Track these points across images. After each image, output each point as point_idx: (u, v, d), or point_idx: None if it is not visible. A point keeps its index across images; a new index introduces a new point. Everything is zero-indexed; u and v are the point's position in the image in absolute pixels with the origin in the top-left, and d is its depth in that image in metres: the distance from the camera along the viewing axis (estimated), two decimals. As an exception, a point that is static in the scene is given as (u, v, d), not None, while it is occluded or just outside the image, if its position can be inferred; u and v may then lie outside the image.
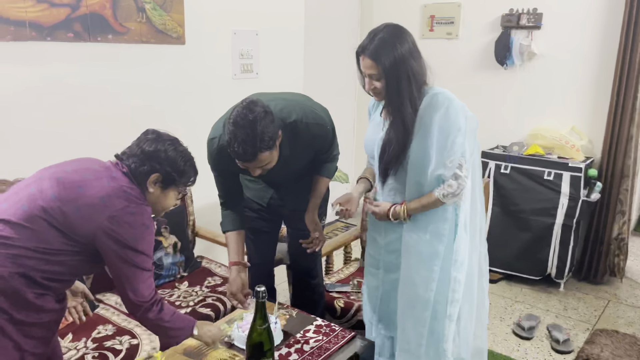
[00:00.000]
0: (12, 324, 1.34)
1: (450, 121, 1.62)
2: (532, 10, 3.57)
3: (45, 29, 2.24)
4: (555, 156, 3.41)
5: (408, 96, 1.63)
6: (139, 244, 1.43)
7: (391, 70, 1.60)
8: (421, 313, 1.77)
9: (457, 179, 1.65)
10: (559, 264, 3.38)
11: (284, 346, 1.81)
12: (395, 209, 1.76)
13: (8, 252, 1.33)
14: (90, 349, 1.91)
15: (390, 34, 1.62)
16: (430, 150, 1.65)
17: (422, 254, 1.74)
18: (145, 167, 1.48)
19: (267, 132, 1.66)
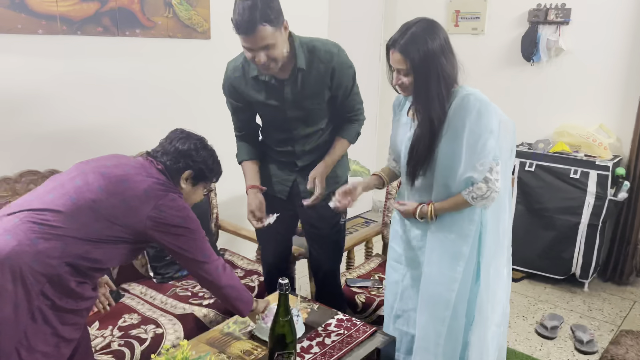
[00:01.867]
0: (53, 310, 1.40)
1: (482, 124, 1.58)
2: (560, 5, 3.50)
3: (75, 23, 2.28)
4: (582, 154, 3.35)
5: (436, 94, 1.59)
6: (189, 223, 1.56)
7: (420, 66, 1.57)
8: (442, 312, 1.76)
9: (487, 182, 1.62)
10: (583, 264, 3.32)
11: (305, 339, 1.82)
12: (422, 208, 1.74)
13: (57, 242, 1.39)
14: (117, 337, 1.95)
15: (422, 28, 1.57)
16: (459, 152, 1.61)
17: (447, 254, 1.73)
18: (180, 165, 1.60)
19: (270, 5, 1.70)
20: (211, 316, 2.15)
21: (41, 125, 2.28)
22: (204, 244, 1.62)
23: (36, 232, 1.38)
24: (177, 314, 2.13)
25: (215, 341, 1.80)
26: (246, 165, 2.13)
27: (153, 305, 2.22)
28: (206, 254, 1.62)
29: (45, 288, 1.38)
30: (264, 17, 1.69)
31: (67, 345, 1.46)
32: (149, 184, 1.50)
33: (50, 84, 2.28)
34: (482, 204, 1.66)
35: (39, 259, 1.36)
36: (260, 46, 1.74)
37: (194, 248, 1.59)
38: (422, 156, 1.67)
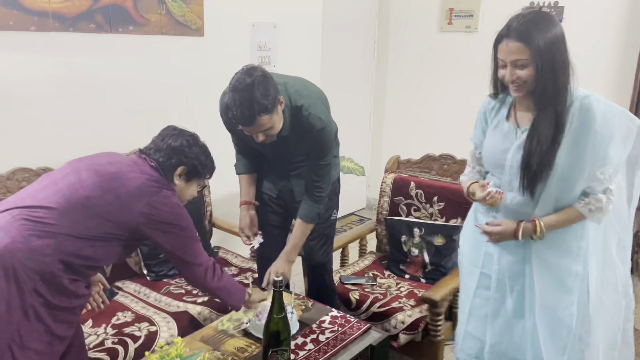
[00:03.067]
0: (46, 308, 1.40)
1: (607, 128, 1.42)
2: (553, 3, 3.52)
3: (68, 20, 2.27)
4: (575, 152, 3.36)
5: (564, 86, 1.41)
6: (181, 220, 1.57)
7: (545, 52, 1.38)
8: (564, 339, 1.57)
9: (606, 193, 1.46)
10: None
11: (300, 336, 1.83)
12: (526, 226, 1.52)
13: (50, 239, 1.39)
14: (110, 335, 1.95)
15: (540, 15, 1.41)
16: (582, 160, 1.43)
17: (560, 276, 1.55)
18: (173, 161, 1.60)
19: (266, 96, 1.69)
20: (205, 314, 2.15)
21: (33, 123, 2.26)
22: (194, 244, 1.63)
23: (29, 230, 1.37)
24: (171, 311, 2.13)
25: (210, 338, 1.80)
26: (242, 178, 2.19)
27: (147, 303, 2.21)
28: (195, 255, 1.62)
29: (39, 285, 1.38)
30: (262, 110, 1.69)
31: (60, 343, 1.46)
32: (142, 181, 1.50)
33: (43, 81, 2.27)
34: (597, 218, 1.49)
35: (32, 257, 1.36)
36: (258, 131, 1.77)
37: (184, 247, 1.60)
38: (542, 164, 1.45)
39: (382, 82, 4.52)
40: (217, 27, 2.88)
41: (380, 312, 2.22)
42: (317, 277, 2.34)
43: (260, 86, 1.68)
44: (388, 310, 2.21)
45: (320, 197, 2.03)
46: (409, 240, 2.53)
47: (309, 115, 1.89)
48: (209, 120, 2.28)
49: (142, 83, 2.60)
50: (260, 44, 3.17)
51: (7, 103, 2.17)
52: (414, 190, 2.63)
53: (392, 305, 2.23)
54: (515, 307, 1.65)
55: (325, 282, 2.34)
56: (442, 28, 4.09)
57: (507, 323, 1.67)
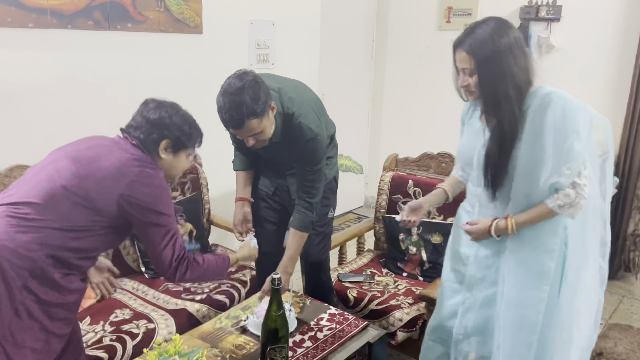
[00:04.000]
0: (38, 305, 1.37)
1: (568, 123, 1.45)
2: (551, 2, 3.52)
3: (66, 17, 2.26)
4: (572, 150, 3.37)
5: (504, 95, 1.46)
6: (159, 205, 1.48)
7: (485, 64, 1.46)
8: (528, 337, 1.58)
9: (575, 188, 1.47)
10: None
11: (297, 333, 1.83)
12: (499, 223, 1.57)
13: (35, 234, 1.36)
14: (108, 332, 1.95)
15: (490, 27, 1.47)
16: (543, 155, 1.47)
17: (530, 273, 1.56)
18: (154, 136, 1.53)
19: (256, 100, 1.69)
20: (203, 311, 2.15)
21: (31, 119, 2.26)
22: (170, 241, 1.52)
23: (14, 226, 1.35)
24: (169, 309, 2.13)
25: (208, 336, 1.80)
26: (239, 175, 2.20)
27: (145, 300, 2.21)
28: (162, 248, 1.51)
29: (29, 282, 1.35)
30: (252, 114, 1.69)
31: (58, 340, 1.44)
32: (122, 161, 1.44)
33: (41, 78, 2.26)
34: (569, 213, 1.50)
35: (18, 253, 1.33)
36: (248, 135, 1.78)
37: (153, 235, 1.50)
38: (498, 163, 1.52)
39: (380, 80, 4.52)
40: (216, 25, 2.88)
41: (378, 310, 2.22)
42: (315, 275, 2.34)
43: (250, 90, 1.68)
44: (386, 308, 2.21)
45: (312, 203, 2.01)
46: (406, 239, 2.54)
47: (299, 125, 1.89)
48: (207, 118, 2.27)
49: (140, 80, 2.59)
50: (259, 42, 3.17)
51: (5, 100, 2.17)
52: (412, 189, 2.63)
53: (389, 303, 2.23)
54: (483, 299, 1.68)
55: (323, 279, 2.35)
56: (440, 26, 4.10)
57: (468, 314, 1.72)
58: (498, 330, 1.65)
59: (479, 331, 1.71)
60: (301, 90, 2.01)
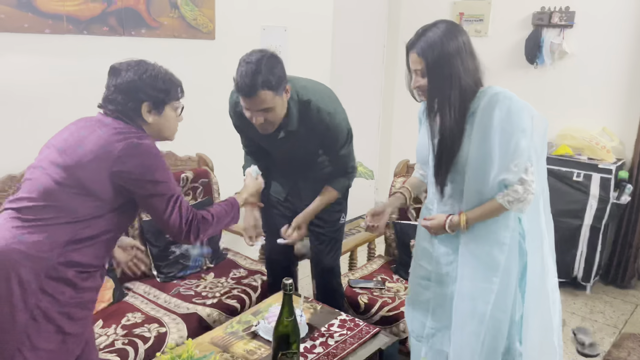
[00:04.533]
0: (55, 306, 1.38)
1: (513, 121, 1.50)
2: (564, 8, 3.50)
3: (82, 23, 2.30)
4: (585, 157, 3.35)
5: (448, 97, 1.52)
6: (154, 173, 1.43)
7: (434, 66, 1.52)
8: (476, 327, 1.63)
9: (523, 184, 1.52)
10: (586, 267, 3.32)
11: (308, 339, 1.83)
12: (452, 219, 1.62)
13: (43, 233, 1.36)
14: (120, 336, 1.96)
15: (440, 29, 1.54)
16: (491, 154, 1.52)
17: (480, 265, 1.61)
18: (131, 103, 1.46)
19: (272, 72, 1.71)
20: (215, 315, 2.16)
21: (48, 124, 2.27)
22: (175, 206, 1.48)
23: (20, 228, 1.35)
24: (181, 313, 2.14)
25: (219, 340, 1.81)
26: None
27: (156, 304, 2.22)
28: (172, 223, 1.48)
29: (44, 284, 1.35)
30: (266, 83, 1.71)
31: (75, 341, 1.44)
32: (104, 138, 1.39)
33: (57, 83, 2.29)
34: (518, 208, 1.55)
35: (30, 255, 1.33)
36: (259, 109, 1.76)
37: (157, 205, 1.46)
38: (442, 162, 1.60)
39: (390, 86, 4.52)
40: (228, 31, 2.90)
41: (389, 316, 2.22)
42: (325, 281, 2.34)
43: (268, 62, 1.71)
44: (397, 315, 2.21)
45: (352, 172, 2.08)
46: (417, 245, 2.53)
47: (318, 109, 1.90)
48: (219, 122, 2.30)
49: None
50: (271, 47, 3.17)
51: (22, 104, 2.20)
52: (423, 194, 2.62)
53: (400, 310, 2.22)
54: (444, 296, 1.73)
55: (333, 285, 2.34)
56: (451, 32, 4.09)
57: (437, 310, 1.76)
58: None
59: (442, 327, 1.76)
60: (311, 81, 2.04)
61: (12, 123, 2.18)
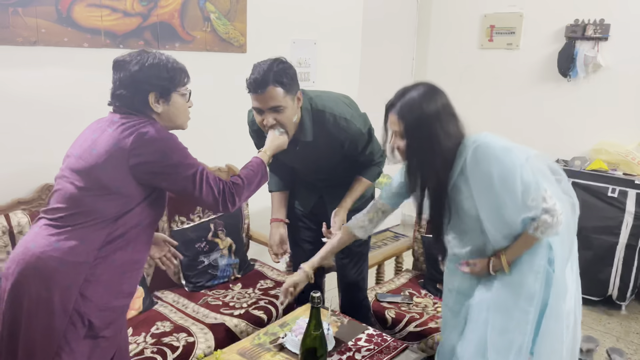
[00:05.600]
0: (92, 310, 1.40)
1: (507, 165, 1.46)
2: (598, 21, 3.44)
3: (119, 37, 2.36)
4: (621, 172, 3.26)
5: (428, 160, 1.52)
6: (172, 156, 1.43)
7: (412, 129, 1.51)
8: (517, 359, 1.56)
9: (548, 212, 1.47)
10: (621, 286, 3.22)
11: (335, 353, 1.82)
12: (494, 262, 1.59)
13: (76, 239, 1.38)
14: (149, 344, 1.99)
15: (419, 92, 1.53)
16: (500, 202, 1.49)
17: (515, 295, 1.56)
18: (137, 96, 1.45)
19: (285, 73, 1.74)
20: (242, 326, 2.17)
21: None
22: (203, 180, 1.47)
23: (54, 235, 1.38)
24: (209, 323, 2.15)
25: (246, 352, 1.81)
26: (274, 196, 2.22)
27: (185, 313, 2.25)
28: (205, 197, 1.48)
29: (83, 288, 1.38)
30: (277, 79, 1.73)
31: (108, 345, 1.47)
32: (114, 136, 1.39)
33: (93, 95, 2.35)
34: (553, 233, 1.51)
35: (66, 261, 1.36)
36: (269, 106, 1.76)
37: (186, 185, 1.45)
38: (436, 223, 1.63)
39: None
40: (259, 44, 2.94)
41: (417, 332, 2.19)
42: (351, 295, 2.33)
43: (281, 64, 1.75)
44: (424, 330, 2.18)
45: (380, 160, 2.08)
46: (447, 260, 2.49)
47: (334, 118, 1.90)
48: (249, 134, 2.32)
49: None
50: (300, 61, 3.21)
51: (60, 115, 2.27)
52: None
53: (429, 325, 2.20)
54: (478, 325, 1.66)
55: (359, 299, 2.33)
56: (482, 45, 4.06)
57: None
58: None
59: None
60: (327, 91, 2.05)
61: (51, 134, 2.25)
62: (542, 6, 3.72)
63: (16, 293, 1.38)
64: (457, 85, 4.25)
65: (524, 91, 3.88)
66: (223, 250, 2.56)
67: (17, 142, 2.18)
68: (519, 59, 3.89)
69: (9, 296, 1.39)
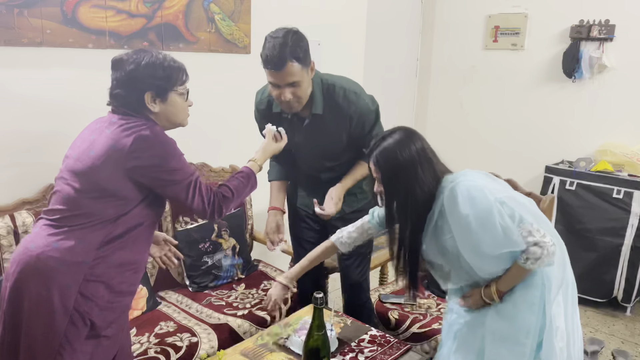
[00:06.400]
0: (92, 309, 1.41)
1: (483, 205, 1.44)
2: (604, 21, 3.43)
3: (123, 38, 2.37)
4: (626, 174, 3.25)
5: (403, 206, 1.54)
6: (169, 162, 1.44)
7: (387, 177, 1.53)
8: None
9: (536, 244, 1.44)
10: (626, 287, 3.20)
11: (338, 354, 1.82)
12: (485, 292, 1.56)
13: (75, 239, 1.39)
14: (153, 344, 1.99)
15: (394, 140, 1.53)
16: (482, 242, 1.46)
17: (512, 328, 1.53)
18: (133, 95, 1.44)
19: (299, 45, 1.74)
20: (245, 327, 2.17)
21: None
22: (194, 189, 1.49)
23: (53, 235, 1.39)
24: (212, 323, 2.16)
25: (249, 352, 1.81)
26: (273, 185, 2.21)
27: (188, 313, 2.25)
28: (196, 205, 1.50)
29: (82, 287, 1.39)
30: (294, 54, 1.73)
31: (109, 344, 1.48)
32: (112, 137, 1.39)
33: (99, 96, 2.35)
34: (546, 264, 1.48)
35: (65, 261, 1.37)
36: (287, 82, 1.78)
37: (179, 192, 1.47)
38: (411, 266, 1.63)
39: (424, 100, 4.50)
40: (263, 45, 2.94)
41: (420, 333, 2.18)
42: (354, 296, 2.33)
43: (294, 36, 1.75)
44: (428, 332, 2.17)
45: None
46: (450, 261, 2.49)
47: (344, 91, 1.93)
48: (253, 134, 2.32)
49: (190, 97, 2.67)
50: (304, 61, 3.21)
51: (65, 115, 2.28)
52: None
53: (432, 327, 2.19)
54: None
55: (362, 300, 2.32)
56: (486, 46, 4.05)
57: None
58: None
59: None
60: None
61: (56, 134, 2.26)
62: (547, 7, 3.71)
63: (17, 293, 1.39)
64: (461, 86, 4.25)
65: (528, 92, 3.86)
66: (227, 250, 2.56)
67: (22, 143, 2.19)
68: (524, 59, 3.88)
69: (9, 296, 1.40)
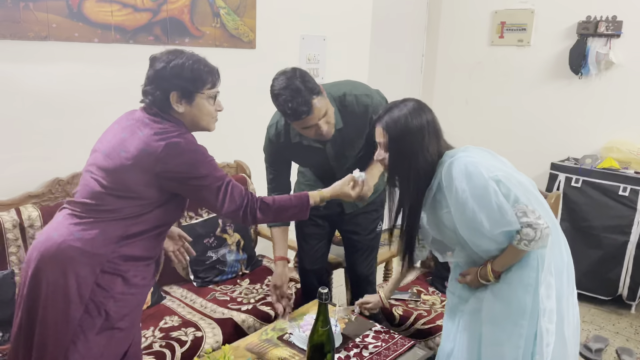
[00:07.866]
0: (107, 300, 1.43)
1: (477, 183, 1.45)
2: (611, 17, 3.40)
3: (129, 32, 2.37)
4: (632, 171, 3.23)
5: (406, 173, 1.55)
6: (198, 169, 1.44)
7: (395, 141, 1.53)
8: None
9: (530, 226, 1.45)
10: (631, 285, 3.19)
11: (343, 349, 1.82)
12: (480, 272, 1.57)
13: (96, 230, 1.41)
14: (158, 338, 2.00)
15: (407, 107, 1.55)
16: (478, 219, 1.47)
17: (508, 308, 1.54)
18: (159, 93, 1.44)
19: (307, 81, 1.74)
20: (249, 322, 2.18)
21: (93, 129, 2.35)
22: (226, 192, 1.48)
23: (76, 225, 1.41)
24: (217, 318, 2.16)
25: (254, 347, 1.82)
26: (276, 232, 2.10)
27: (193, 308, 2.26)
28: (221, 203, 1.48)
29: (99, 278, 1.41)
30: (311, 93, 1.73)
31: (123, 336, 1.48)
32: (144, 140, 1.39)
33: (104, 90, 2.37)
34: (540, 246, 1.48)
35: (85, 252, 1.39)
36: (319, 117, 1.78)
37: (207, 198, 1.48)
38: (409, 233, 1.64)
39: (429, 96, 4.48)
40: (269, 40, 2.94)
41: (424, 329, 2.18)
42: (360, 290, 2.33)
43: (298, 76, 1.75)
44: (432, 328, 2.17)
45: None
46: (455, 257, 2.49)
47: (356, 98, 1.92)
48: (258, 129, 2.32)
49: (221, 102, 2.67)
50: (309, 57, 3.21)
51: (71, 110, 2.28)
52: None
53: (436, 323, 2.19)
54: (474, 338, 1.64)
55: (369, 294, 2.32)
56: (493, 42, 4.03)
57: None
58: None
59: None
60: (336, 81, 2.07)
61: (61, 128, 2.26)
62: (554, 2, 3.68)
63: (36, 280, 1.41)
64: (467, 82, 4.23)
65: (534, 88, 3.84)
66: (231, 245, 2.57)
67: (28, 137, 2.20)
68: (530, 55, 3.85)
69: (29, 282, 1.43)
